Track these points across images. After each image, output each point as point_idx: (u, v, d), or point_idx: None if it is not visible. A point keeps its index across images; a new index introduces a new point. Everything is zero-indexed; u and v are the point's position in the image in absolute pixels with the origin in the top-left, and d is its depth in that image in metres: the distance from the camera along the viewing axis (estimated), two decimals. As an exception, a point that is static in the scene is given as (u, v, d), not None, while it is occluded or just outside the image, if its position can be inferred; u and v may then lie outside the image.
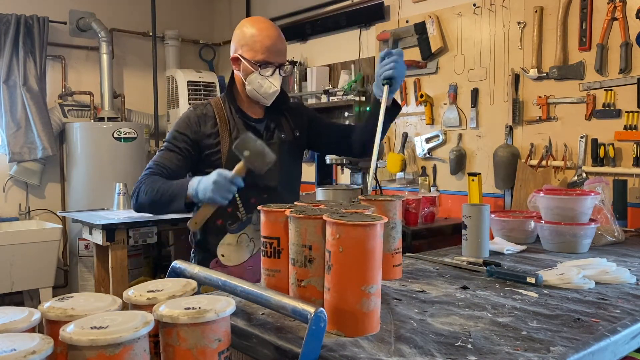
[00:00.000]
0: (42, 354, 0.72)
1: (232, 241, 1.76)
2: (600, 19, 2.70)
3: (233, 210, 1.74)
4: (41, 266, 3.90)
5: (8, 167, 4.30)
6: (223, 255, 1.76)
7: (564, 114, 2.88)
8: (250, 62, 1.72)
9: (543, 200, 1.95)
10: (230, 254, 1.76)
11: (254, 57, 1.71)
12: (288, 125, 1.87)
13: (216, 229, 1.76)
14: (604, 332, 1.04)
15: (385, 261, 1.38)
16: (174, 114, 4.65)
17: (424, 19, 3.47)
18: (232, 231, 1.76)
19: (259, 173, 1.54)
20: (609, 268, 1.48)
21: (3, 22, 4.13)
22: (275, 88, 1.74)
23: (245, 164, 1.52)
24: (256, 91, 1.75)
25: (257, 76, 1.72)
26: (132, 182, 4.21)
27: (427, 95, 3.48)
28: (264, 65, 1.72)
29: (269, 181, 1.76)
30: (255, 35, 1.71)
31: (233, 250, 1.76)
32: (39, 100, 4.23)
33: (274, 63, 1.72)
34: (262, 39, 1.71)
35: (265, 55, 1.71)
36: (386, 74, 1.56)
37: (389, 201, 1.38)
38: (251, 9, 4.93)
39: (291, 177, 1.90)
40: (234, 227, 1.75)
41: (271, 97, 1.77)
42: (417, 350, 0.94)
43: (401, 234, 1.42)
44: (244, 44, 1.73)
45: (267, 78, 1.73)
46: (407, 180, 3.62)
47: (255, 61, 1.71)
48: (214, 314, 0.84)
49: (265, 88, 1.73)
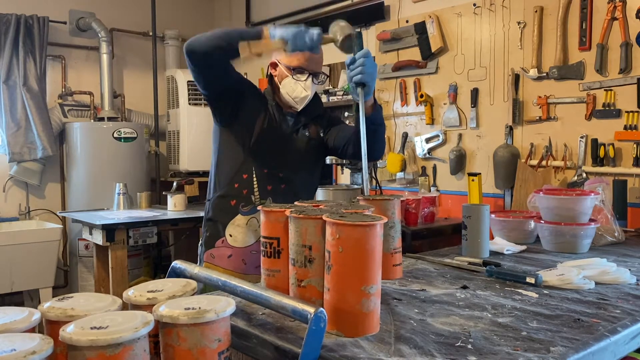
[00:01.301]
0: (42, 354, 0.72)
1: (242, 223, 1.82)
2: (600, 19, 2.70)
3: (248, 192, 1.81)
4: (41, 266, 3.90)
5: (8, 167, 4.30)
6: (231, 235, 1.83)
7: (564, 114, 2.88)
8: (286, 67, 1.81)
9: (543, 200, 1.95)
10: (237, 235, 1.82)
11: (290, 63, 1.80)
12: (315, 126, 1.93)
13: (229, 209, 1.83)
14: (604, 332, 1.04)
15: (384, 261, 1.38)
16: (174, 114, 4.65)
17: (424, 19, 3.47)
18: (243, 213, 1.82)
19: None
20: (609, 268, 1.48)
21: (3, 22, 4.12)
22: (306, 93, 1.81)
23: (333, 37, 1.59)
24: (289, 95, 1.82)
25: (291, 80, 1.81)
26: (132, 182, 4.27)
27: (427, 95, 3.48)
28: (298, 71, 1.80)
29: (289, 173, 1.84)
30: None
31: (241, 232, 1.82)
32: (39, 100, 4.23)
33: (308, 70, 1.80)
34: None
35: (300, 62, 1.79)
36: (356, 79, 1.57)
37: (388, 200, 1.38)
38: (251, 9, 4.93)
39: (310, 176, 1.96)
40: (246, 209, 1.81)
41: (302, 102, 1.84)
42: (417, 351, 0.94)
43: (400, 234, 1.42)
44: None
45: (300, 83, 1.80)
46: (407, 180, 3.62)
47: (291, 66, 1.80)
48: (214, 314, 0.84)
49: (297, 92, 1.81)
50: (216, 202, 1.86)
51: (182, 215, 3.75)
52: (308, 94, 1.81)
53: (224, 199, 1.83)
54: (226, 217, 1.83)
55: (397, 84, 3.68)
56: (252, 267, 1.80)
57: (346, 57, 1.60)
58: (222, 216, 1.84)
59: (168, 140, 4.79)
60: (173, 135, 4.69)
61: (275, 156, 1.83)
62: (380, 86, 3.79)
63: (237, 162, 1.82)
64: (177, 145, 4.64)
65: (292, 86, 1.81)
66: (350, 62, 1.57)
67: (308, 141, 1.88)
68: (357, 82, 1.56)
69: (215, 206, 1.86)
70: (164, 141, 4.93)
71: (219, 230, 1.84)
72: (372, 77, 1.57)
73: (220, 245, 1.83)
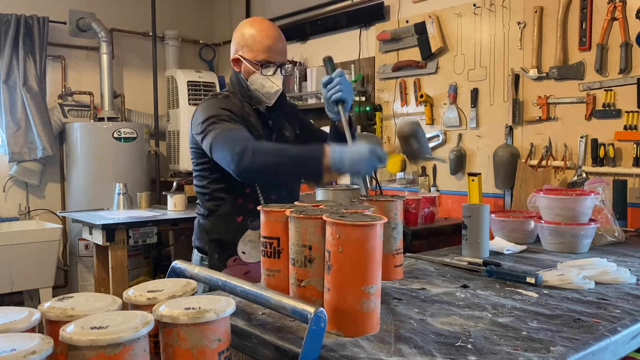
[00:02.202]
0: (42, 354, 0.72)
1: (254, 237, 1.74)
2: (600, 19, 2.70)
3: (254, 206, 1.69)
4: (41, 266, 3.90)
5: (8, 167, 4.30)
6: (244, 252, 1.74)
7: (564, 114, 2.87)
8: (252, 62, 1.73)
9: (543, 200, 1.94)
10: (251, 251, 1.74)
11: (255, 57, 1.72)
12: (289, 125, 1.88)
13: (236, 226, 1.74)
14: (604, 332, 1.04)
15: (386, 262, 1.38)
16: (174, 114, 4.65)
17: (424, 19, 3.47)
18: (253, 227, 1.73)
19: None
20: (609, 268, 1.48)
21: (3, 22, 4.12)
22: (278, 87, 1.75)
23: (404, 148, 1.54)
24: (258, 91, 1.75)
25: (259, 76, 1.73)
26: (132, 182, 4.26)
27: (427, 95, 3.48)
28: (266, 65, 1.72)
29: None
30: (255, 36, 1.72)
31: (254, 247, 1.73)
32: (39, 100, 4.23)
33: (275, 62, 1.73)
34: (262, 39, 1.71)
35: (266, 55, 1.71)
36: (336, 97, 1.58)
37: (390, 201, 1.38)
38: (251, 9, 4.93)
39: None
40: (255, 223, 1.72)
41: (274, 97, 1.77)
42: (417, 350, 0.94)
43: (402, 235, 1.42)
44: (244, 45, 1.73)
45: (269, 78, 1.73)
46: (407, 180, 3.62)
47: (257, 61, 1.72)
48: (214, 314, 0.84)
49: (267, 88, 1.74)
50: (220, 221, 1.76)
51: (182, 215, 3.75)
52: (279, 87, 1.75)
53: (229, 217, 1.74)
54: (235, 235, 1.74)
55: (397, 84, 3.68)
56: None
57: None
58: (230, 235, 1.74)
59: (168, 140, 4.79)
60: (173, 135, 4.69)
61: None
62: (380, 86, 3.79)
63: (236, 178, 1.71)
64: (177, 145, 4.64)
65: (261, 82, 1.73)
66: (327, 81, 1.58)
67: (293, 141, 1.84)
68: (336, 100, 1.58)
69: (219, 225, 1.76)
70: (164, 141, 4.93)
71: (228, 250, 1.75)
72: (349, 94, 1.58)
73: (233, 264, 1.74)
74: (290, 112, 1.92)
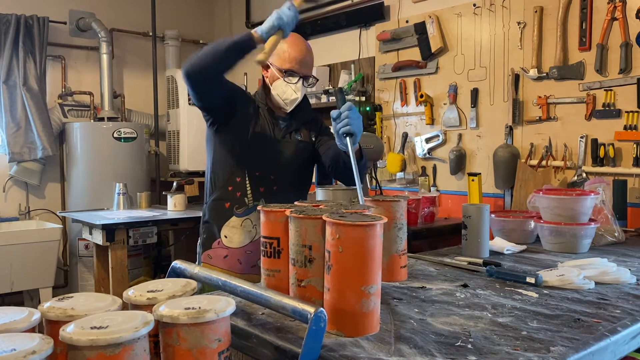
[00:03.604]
0: (42, 354, 0.72)
1: (237, 224, 1.87)
2: (600, 19, 2.70)
3: (242, 195, 1.86)
4: (41, 266, 3.90)
5: (8, 167, 4.30)
6: (226, 236, 1.87)
7: (564, 114, 2.88)
8: (278, 68, 1.86)
9: (543, 200, 1.94)
10: (232, 236, 1.87)
11: (281, 65, 1.85)
12: (306, 130, 1.97)
13: (224, 211, 1.88)
14: (604, 332, 1.04)
15: (392, 263, 1.39)
16: (174, 114, 4.65)
17: (424, 19, 3.47)
18: (238, 215, 1.87)
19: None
20: (609, 268, 1.48)
21: (3, 22, 4.12)
22: (296, 95, 1.86)
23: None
24: (279, 96, 1.87)
25: (282, 82, 1.85)
26: (132, 182, 4.26)
27: (427, 95, 3.48)
28: (290, 73, 1.85)
29: (280, 175, 1.88)
30: (285, 46, 1.84)
31: (235, 233, 1.86)
32: (39, 100, 4.23)
33: (299, 73, 1.85)
34: (291, 50, 1.85)
35: (291, 65, 1.84)
36: (344, 130, 1.61)
37: (396, 202, 1.38)
38: (251, 9, 4.93)
39: (301, 178, 1.99)
40: (240, 211, 1.86)
41: (292, 104, 1.88)
42: (417, 350, 0.94)
43: (407, 235, 1.42)
44: (276, 53, 1.84)
45: (290, 85, 1.85)
46: (407, 180, 3.62)
47: (282, 69, 1.85)
48: (214, 314, 0.84)
49: (287, 94, 1.86)
50: (212, 205, 1.91)
51: (182, 215, 3.75)
52: (298, 96, 1.86)
53: (219, 202, 1.89)
54: (221, 219, 1.88)
55: (397, 84, 3.68)
56: (248, 267, 1.85)
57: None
58: (218, 218, 1.89)
59: (168, 140, 4.79)
60: (173, 135, 4.69)
61: (266, 159, 1.87)
62: (380, 86, 3.79)
63: (230, 165, 1.87)
64: (177, 145, 4.64)
65: (283, 88, 1.85)
66: (336, 116, 1.62)
67: (298, 144, 1.92)
68: (344, 133, 1.61)
69: (211, 209, 1.92)
70: (164, 141, 4.93)
71: (215, 232, 1.89)
72: (358, 127, 1.62)
73: (217, 247, 1.89)
74: (311, 120, 2.00)
